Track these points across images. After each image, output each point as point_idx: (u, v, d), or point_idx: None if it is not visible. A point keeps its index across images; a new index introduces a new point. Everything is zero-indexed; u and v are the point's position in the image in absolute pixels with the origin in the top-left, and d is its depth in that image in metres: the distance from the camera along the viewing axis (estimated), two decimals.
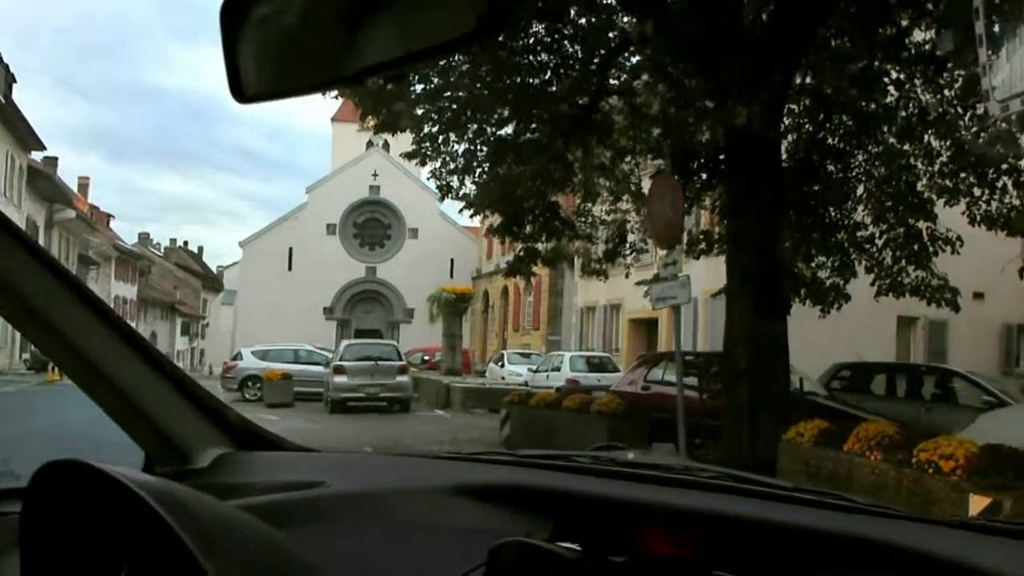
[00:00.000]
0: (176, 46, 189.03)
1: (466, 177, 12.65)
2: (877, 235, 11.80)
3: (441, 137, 11.87)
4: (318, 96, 6.79)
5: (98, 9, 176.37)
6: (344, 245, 44.68)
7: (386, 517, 1.40)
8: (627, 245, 13.55)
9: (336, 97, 11.25)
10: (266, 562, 0.81)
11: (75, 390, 1.46)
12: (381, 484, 1.53)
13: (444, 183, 12.90)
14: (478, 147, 12.04)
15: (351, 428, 15.56)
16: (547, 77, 11.47)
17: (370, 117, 11.96)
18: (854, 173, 11.58)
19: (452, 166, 12.42)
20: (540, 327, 36.10)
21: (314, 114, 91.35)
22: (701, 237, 12.85)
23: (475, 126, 11.63)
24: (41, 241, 42.43)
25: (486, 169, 12.16)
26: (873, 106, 10.38)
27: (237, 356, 24.35)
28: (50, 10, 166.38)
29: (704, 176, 10.95)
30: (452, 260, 45.07)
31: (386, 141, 50.75)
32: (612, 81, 12.02)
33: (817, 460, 6.30)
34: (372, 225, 45.70)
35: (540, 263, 14.07)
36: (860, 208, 11.86)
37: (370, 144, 46.24)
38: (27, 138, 36.42)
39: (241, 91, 0.80)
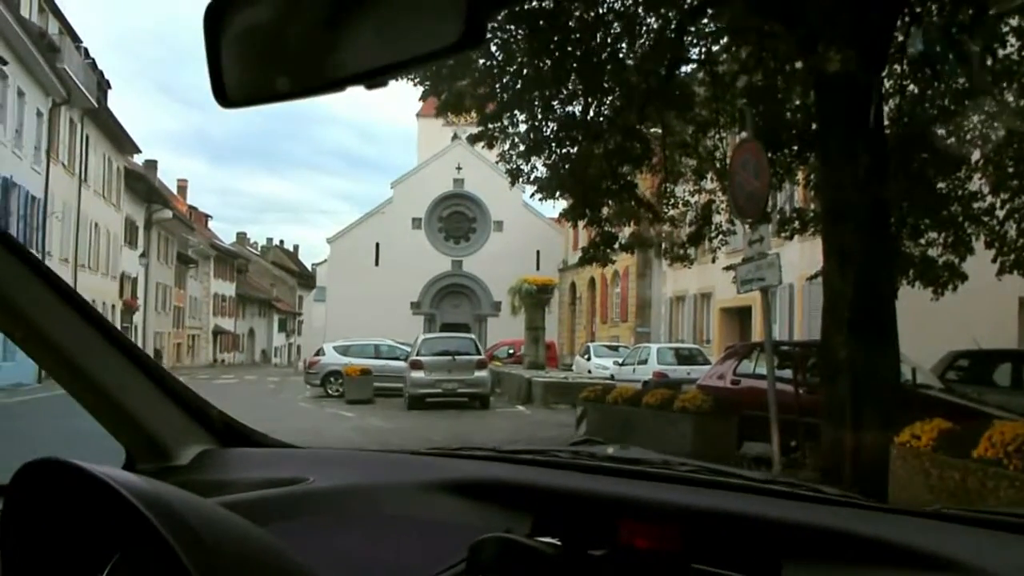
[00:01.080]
0: None
1: (535, 159, 11.89)
2: (997, 205, 10.47)
3: (506, 116, 11.12)
4: (406, 91, 6.14)
5: (195, 14, 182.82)
6: (430, 239, 44.55)
7: (368, 513, 1.41)
8: (712, 227, 12.52)
9: (417, 82, 10.54)
10: (251, 560, 0.79)
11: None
12: (363, 480, 1.52)
13: (513, 167, 12.17)
14: (545, 125, 11.24)
15: (426, 425, 15.04)
16: (618, 47, 10.58)
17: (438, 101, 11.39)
18: (968, 137, 10.28)
19: (520, 148, 11.66)
20: (628, 319, 35.06)
21: (404, 111, 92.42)
22: (794, 215, 11.74)
23: (541, 103, 10.81)
24: (141, 241, 43.88)
25: (555, 149, 11.35)
26: (990, 60, 9.10)
27: (320, 352, 24.21)
28: (147, 17, 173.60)
29: (795, 148, 9.87)
30: (538, 252, 44.48)
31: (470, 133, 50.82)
32: (690, 49, 11.06)
33: (939, 469, 5.22)
34: (457, 218, 45.43)
35: (619, 249, 13.21)
36: (976, 176, 10.55)
37: (455, 137, 46.19)
38: (123, 142, 37.45)
39: (224, 95, 0.80)
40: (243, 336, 76.57)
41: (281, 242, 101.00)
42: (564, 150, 11.25)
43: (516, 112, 11.11)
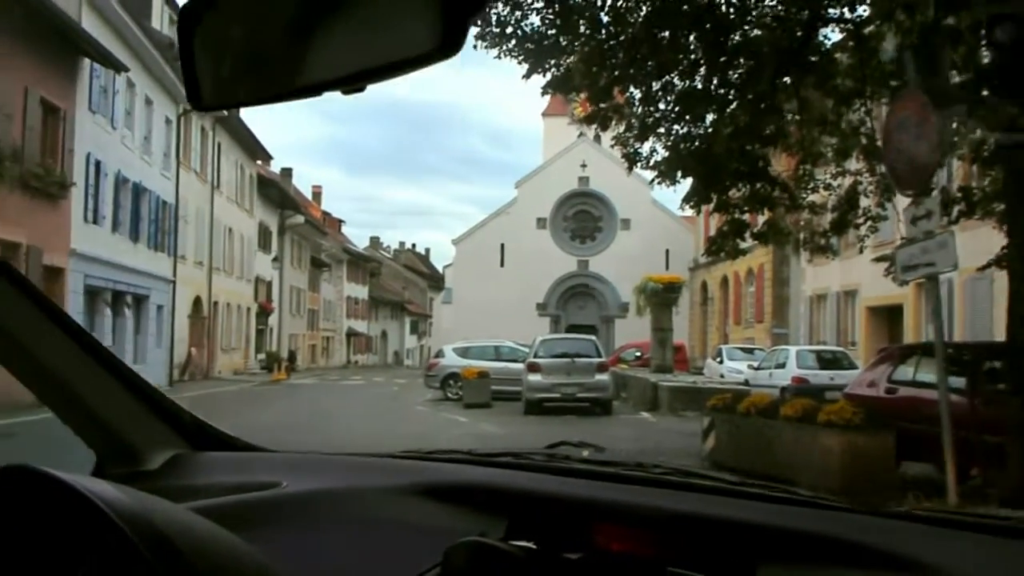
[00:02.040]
0: None
1: (653, 139, 10.74)
2: None
3: (618, 91, 10.00)
4: (534, 94, 5.21)
5: None
6: (555, 239, 43.74)
7: (342, 518, 1.40)
8: (859, 212, 11.00)
9: (521, 59, 9.59)
10: (223, 566, 0.79)
11: None
12: (337, 484, 1.52)
13: (630, 150, 11.06)
14: (663, 101, 10.06)
15: (541, 432, 14.09)
16: (746, 5, 9.30)
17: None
18: None
19: (636, 128, 10.53)
20: (764, 319, 33.02)
21: (531, 113, 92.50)
22: (958, 195, 10.08)
23: (657, 75, 9.65)
24: (274, 245, 45.15)
25: (675, 128, 10.16)
26: None
27: (439, 353, 23.68)
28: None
29: (964, 107, 8.30)
30: (667, 251, 42.97)
31: (597, 134, 49.72)
32: (830, 7, 9.65)
33: None
34: (583, 217, 44.42)
35: (750, 239, 11.87)
36: None
37: (580, 135, 45.21)
38: (255, 149, 38.46)
39: (199, 98, 0.80)
40: (376, 338, 78.23)
41: (413, 246, 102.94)
42: (685, 129, 10.05)
43: (630, 87, 9.99)
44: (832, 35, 10.41)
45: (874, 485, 7.12)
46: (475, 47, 9.62)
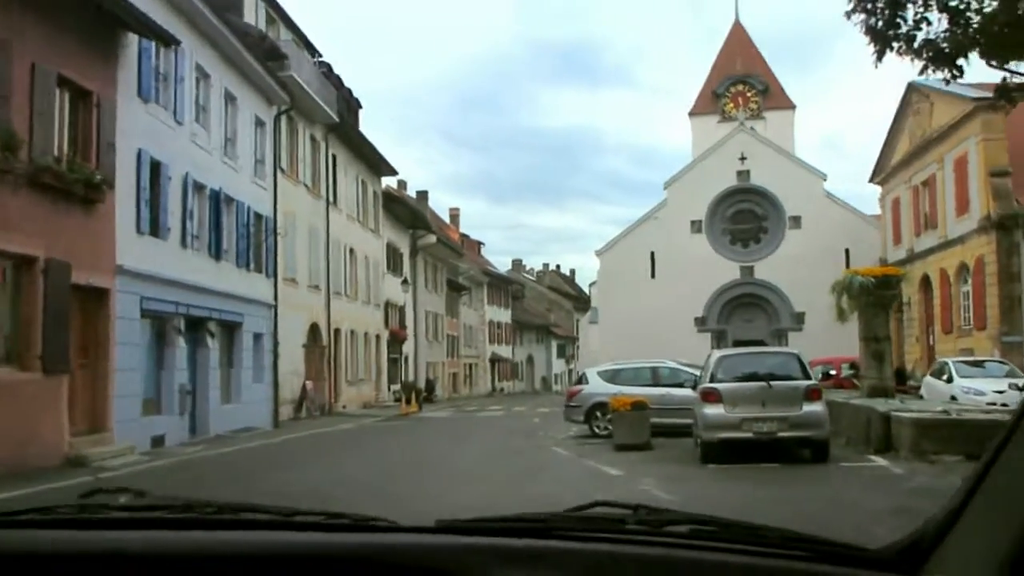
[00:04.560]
0: (542, 88, 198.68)
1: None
2: None
3: None
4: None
5: (474, 63, 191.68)
6: (712, 243, 38.38)
7: None
8: None
9: None
10: None
11: None
12: None
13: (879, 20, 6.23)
14: None
15: (733, 495, 9.26)
16: None
17: None
18: None
19: None
20: (986, 325, 26.41)
21: (678, 130, 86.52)
22: None
23: None
24: (406, 267, 42.07)
25: None
26: None
27: (582, 379, 19.05)
28: (431, 67, 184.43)
29: None
30: (847, 251, 36.91)
31: (759, 110, 43.82)
32: None
33: None
34: (744, 217, 38.86)
35: None
36: None
37: (740, 123, 39.78)
38: (377, 164, 35.41)
39: None
40: (521, 363, 74.59)
41: (557, 267, 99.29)
42: None
43: None
44: None
45: None
46: None
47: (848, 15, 7.29)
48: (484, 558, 1.17)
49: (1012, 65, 7.97)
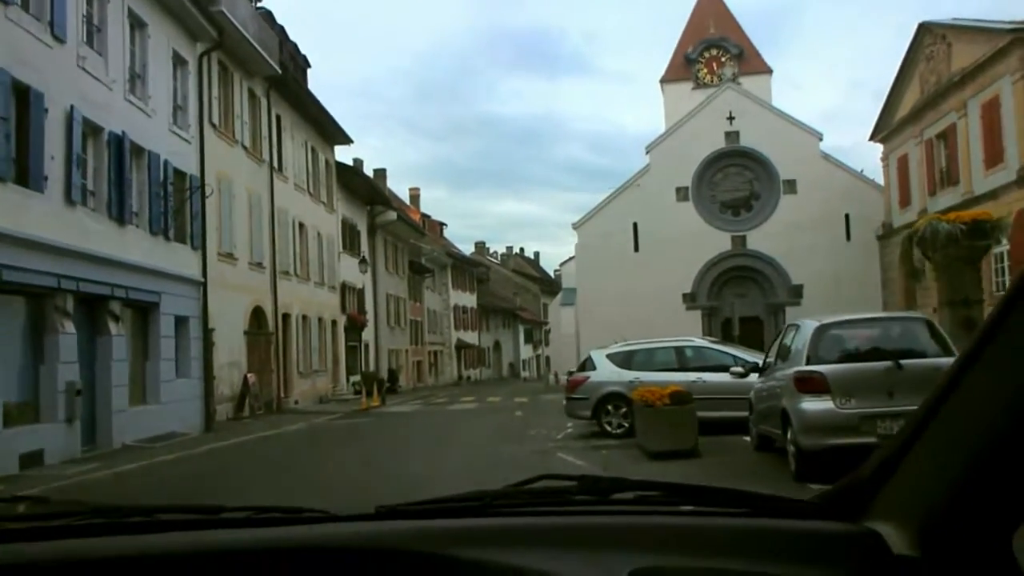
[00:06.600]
0: (501, 75, 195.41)
1: None
2: None
3: None
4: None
5: (431, 51, 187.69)
6: (700, 211, 35.03)
7: None
8: None
9: None
10: None
11: None
12: None
13: None
14: None
15: None
16: None
17: None
18: None
19: None
20: None
21: (643, 118, 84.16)
22: None
23: None
24: (364, 246, 38.13)
25: None
26: None
27: (586, 363, 15.40)
28: (389, 58, 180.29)
29: None
30: (846, 216, 33.99)
31: (735, 76, 40.56)
32: None
33: None
34: (734, 183, 35.51)
35: None
36: None
37: (731, 80, 36.53)
38: (329, 129, 31.37)
39: None
40: (488, 349, 71.09)
41: (521, 250, 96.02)
42: None
43: None
44: None
45: None
46: None
47: None
48: (427, 541, 1.16)
49: None
